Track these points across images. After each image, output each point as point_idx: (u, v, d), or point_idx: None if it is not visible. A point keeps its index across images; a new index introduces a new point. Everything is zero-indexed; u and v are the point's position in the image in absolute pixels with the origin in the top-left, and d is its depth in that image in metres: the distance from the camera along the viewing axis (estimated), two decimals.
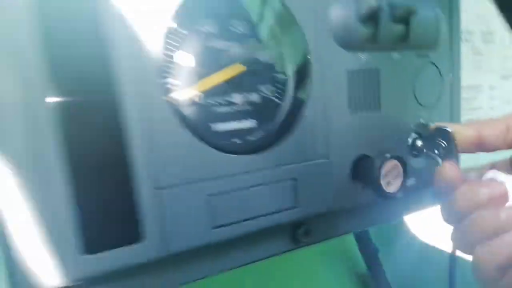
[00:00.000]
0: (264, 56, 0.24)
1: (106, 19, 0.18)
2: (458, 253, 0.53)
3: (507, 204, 0.21)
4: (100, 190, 0.19)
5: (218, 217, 0.22)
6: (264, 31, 0.24)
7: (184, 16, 0.21)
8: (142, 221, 0.20)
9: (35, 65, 0.17)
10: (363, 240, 0.64)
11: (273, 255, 0.26)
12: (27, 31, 0.17)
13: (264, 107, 0.24)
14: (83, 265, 0.19)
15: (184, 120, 0.21)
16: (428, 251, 0.63)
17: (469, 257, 0.23)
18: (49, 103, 0.17)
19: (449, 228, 0.23)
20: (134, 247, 0.20)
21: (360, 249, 0.65)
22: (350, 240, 0.66)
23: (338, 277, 0.69)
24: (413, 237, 0.65)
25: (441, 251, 0.62)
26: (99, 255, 0.19)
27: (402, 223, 0.65)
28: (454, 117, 0.31)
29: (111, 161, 0.19)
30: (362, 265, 0.68)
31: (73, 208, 0.18)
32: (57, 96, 0.17)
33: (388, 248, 0.67)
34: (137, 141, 0.19)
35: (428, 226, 0.68)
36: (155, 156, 0.20)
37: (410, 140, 0.29)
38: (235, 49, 0.23)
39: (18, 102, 0.17)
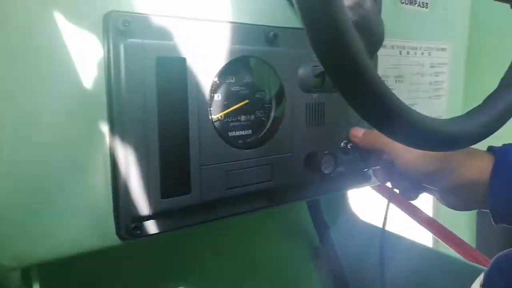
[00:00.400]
0: (259, 95, 0.43)
1: (189, 77, 0.36)
2: (387, 228, 0.76)
3: None
4: (172, 164, 0.36)
5: (230, 182, 0.40)
6: (260, 81, 0.42)
7: (220, 74, 0.39)
8: (191, 183, 0.38)
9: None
10: (316, 218, 0.84)
11: (257, 209, 0.45)
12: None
13: (256, 123, 0.43)
14: (161, 204, 0.36)
15: (215, 129, 0.39)
16: (365, 227, 0.84)
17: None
18: (155, 121, 0.35)
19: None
20: (186, 196, 0.38)
21: (314, 225, 0.85)
22: (306, 217, 0.85)
23: (295, 249, 0.88)
24: (354, 216, 0.85)
25: (376, 227, 0.83)
26: (168, 200, 0.37)
27: (346, 205, 0.85)
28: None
29: (180, 149, 0.37)
30: (315, 239, 0.88)
31: (159, 173, 0.36)
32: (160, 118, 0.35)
33: (335, 225, 0.87)
34: (195, 140, 0.37)
35: (366, 207, 0.89)
36: (202, 148, 0.38)
37: (342, 144, 0.49)
38: (243, 91, 0.41)
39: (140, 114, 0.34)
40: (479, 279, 0.52)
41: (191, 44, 0.36)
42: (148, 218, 0.36)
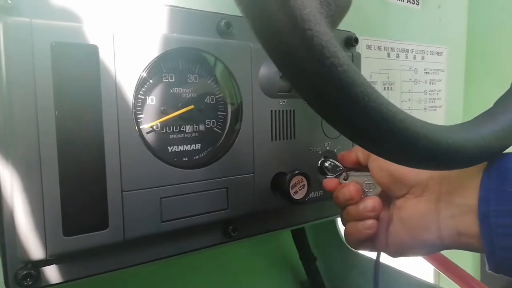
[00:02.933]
0: (210, 99, 0.33)
1: (103, 73, 0.27)
2: (382, 259, 0.65)
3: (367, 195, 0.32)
4: (80, 190, 0.27)
5: (167, 214, 0.31)
6: (210, 82, 0.33)
7: (153, 69, 0.30)
8: (108, 214, 0.28)
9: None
10: (303, 249, 0.73)
11: (209, 247, 0.35)
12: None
13: (207, 135, 0.34)
14: (63, 243, 0.26)
15: (146, 144, 0.30)
16: (358, 259, 0.73)
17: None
18: (52, 130, 0.26)
19: None
20: (100, 233, 0.28)
21: (300, 257, 0.74)
22: (291, 249, 0.75)
23: (279, 283, 0.77)
24: (346, 246, 0.75)
25: (370, 259, 0.72)
26: (75, 237, 0.27)
27: (337, 233, 0.75)
28: (353, 145, 0.42)
29: (91, 169, 0.27)
30: (302, 273, 0.77)
31: (60, 202, 0.26)
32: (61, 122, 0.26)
33: (324, 257, 0.76)
34: (113, 157, 0.28)
35: None
36: (124, 168, 0.28)
37: (319, 162, 0.39)
38: (188, 94, 0.32)
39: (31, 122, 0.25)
40: None
41: (108, 28, 0.28)
42: (46, 263, 0.27)
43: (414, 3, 0.52)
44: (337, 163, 0.37)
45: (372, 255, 0.74)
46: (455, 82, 0.59)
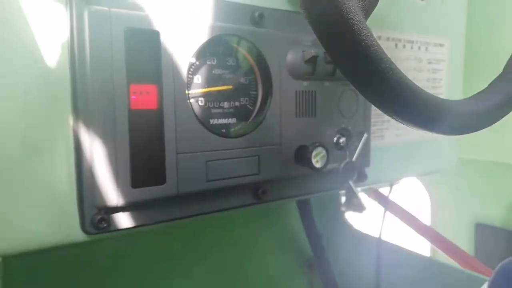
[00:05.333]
0: (244, 80, 0.39)
1: (163, 54, 0.32)
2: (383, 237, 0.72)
3: None
4: (145, 150, 0.33)
5: (211, 174, 0.36)
6: (245, 65, 0.39)
7: (200, 54, 0.36)
8: (166, 172, 0.34)
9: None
10: (309, 227, 0.79)
11: (241, 206, 0.40)
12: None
13: (242, 110, 0.39)
14: (130, 194, 0.32)
15: (195, 115, 0.35)
16: (360, 237, 0.80)
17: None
18: (124, 101, 0.31)
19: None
20: (159, 187, 0.34)
21: (307, 235, 0.80)
22: (298, 226, 0.81)
23: (287, 260, 0.83)
24: (349, 225, 0.81)
25: (371, 237, 0.78)
26: (140, 189, 0.33)
27: (340, 214, 0.81)
28: (366, 124, 0.48)
29: (153, 134, 0.33)
30: (309, 250, 0.83)
31: (129, 159, 0.32)
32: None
33: (328, 235, 0.82)
34: (170, 125, 0.33)
35: (362, 217, 0.85)
36: (178, 134, 0.34)
37: (335, 139, 0.45)
38: (226, 75, 0.38)
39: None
40: None
41: (166, 16, 0.33)
42: (116, 210, 0.32)
43: None
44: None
45: (375, 233, 0.80)
46: (455, 72, 0.65)
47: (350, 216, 0.83)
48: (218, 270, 0.71)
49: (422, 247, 0.93)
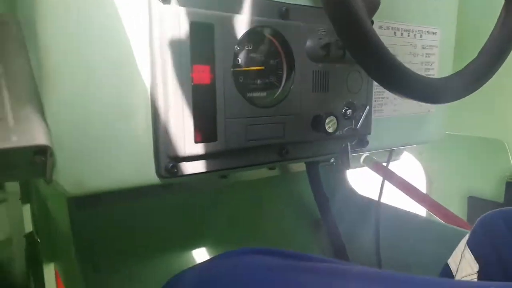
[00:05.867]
0: (273, 62, 0.49)
1: (216, 41, 0.43)
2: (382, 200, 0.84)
3: None
4: (203, 114, 0.43)
5: (249, 135, 0.47)
6: (274, 50, 0.49)
7: (241, 41, 0.46)
8: (217, 132, 0.44)
9: None
10: (317, 191, 0.91)
11: (269, 163, 0.51)
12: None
13: (271, 87, 0.50)
14: (193, 147, 0.43)
15: (238, 89, 0.46)
16: (362, 200, 0.91)
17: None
18: (189, 76, 0.42)
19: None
20: (213, 143, 0.44)
21: (315, 197, 0.92)
22: (307, 191, 0.92)
23: (298, 220, 0.95)
24: (352, 190, 0.92)
25: (372, 200, 0.90)
26: (199, 144, 0.43)
27: (344, 180, 0.92)
28: (368, 99, 0.58)
29: (208, 103, 0.43)
30: (316, 212, 0.95)
31: (193, 119, 0.42)
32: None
33: (334, 198, 0.94)
34: (220, 96, 0.44)
35: (362, 182, 0.96)
36: (226, 104, 0.45)
37: (343, 110, 0.56)
38: (260, 58, 0.48)
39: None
40: (465, 239, 0.59)
41: (218, 13, 0.43)
42: (183, 159, 0.43)
43: None
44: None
45: (374, 196, 0.91)
46: (446, 56, 0.75)
47: (354, 183, 0.94)
48: (239, 225, 0.83)
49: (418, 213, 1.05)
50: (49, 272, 1.23)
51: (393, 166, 0.97)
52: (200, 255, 0.76)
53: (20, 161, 0.41)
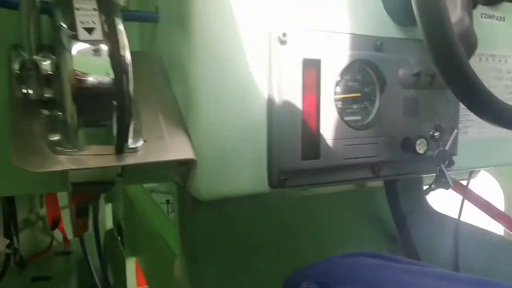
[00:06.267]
0: (367, 89, 0.56)
1: (322, 73, 0.50)
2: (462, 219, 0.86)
3: None
4: (309, 135, 0.50)
5: (346, 154, 0.53)
6: (368, 79, 0.56)
7: (341, 72, 0.53)
8: (320, 150, 0.51)
9: None
10: (394, 206, 0.94)
11: (363, 179, 0.57)
12: None
13: (365, 111, 0.56)
14: (301, 163, 0.50)
15: (337, 113, 0.53)
16: (440, 217, 0.92)
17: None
18: (300, 102, 0.49)
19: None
20: (316, 160, 0.51)
21: (392, 213, 0.95)
22: (384, 207, 0.95)
23: (374, 235, 0.98)
24: (429, 206, 0.94)
25: (451, 218, 0.91)
26: (305, 161, 0.51)
27: (422, 196, 0.94)
28: (455, 122, 0.62)
29: (314, 124, 0.51)
30: (393, 228, 0.98)
31: (301, 139, 0.50)
32: None
33: (411, 215, 0.96)
34: (323, 119, 0.51)
35: (442, 199, 0.97)
36: (328, 125, 0.52)
37: (431, 132, 0.60)
38: (356, 86, 0.55)
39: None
40: None
41: (324, 49, 0.51)
42: (291, 173, 0.51)
43: (500, 20, 0.70)
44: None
45: (454, 214, 0.92)
46: None
47: (431, 200, 0.96)
48: (319, 238, 0.89)
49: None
50: (130, 264, 1.38)
51: (470, 183, 0.97)
52: (286, 260, 0.83)
53: (168, 169, 0.51)
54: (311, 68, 0.50)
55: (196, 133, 0.47)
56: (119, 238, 1.55)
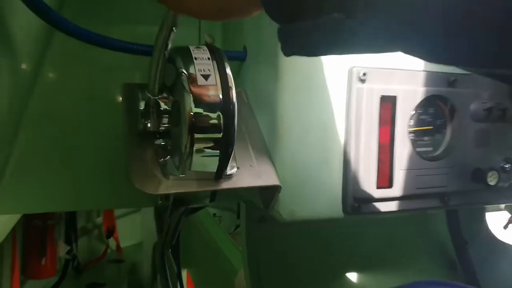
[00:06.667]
0: (439, 122, 0.58)
1: (398, 109, 0.54)
2: None
3: None
4: (383, 166, 0.54)
5: (418, 183, 0.56)
6: (441, 112, 0.58)
7: (416, 107, 0.56)
8: (393, 180, 0.55)
9: None
10: (455, 233, 0.93)
11: (433, 208, 0.59)
12: None
13: (436, 143, 0.58)
14: (375, 192, 0.54)
15: (411, 144, 0.56)
16: (503, 247, 0.91)
17: None
18: (377, 134, 0.53)
19: None
20: (388, 189, 0.55)
21: (452, 239, 0.94)
22: (444, 232, 0.95)
23: (433, 261, 0.98)
24: (492, 235, 0.93)
25: None
26: (379, 189, 0.54)
27: (484, 224, 0.93)
28: None
29: (388, 155, 0.54)
30: (452, 254, 0.97)
31: (376, 170, 0.53)
32: None
33: (472, 242, 0.95)
34: (397, 151, 0.54)
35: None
36: (401, 156, 0.55)
37: (502, 164, 0.61)
38: (428, 119, 0.57)
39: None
40: None
41: (400, 86, 0.54)
42: (365, 201, 0.54)
43: None
44: None
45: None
46: None
47: (493, 228, 0.95)
48: (379, 261, 0.91)
49: None
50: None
51: None
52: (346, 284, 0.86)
53: (252, 192, 0.56)
54: (388, 103, 0.54)
55: (280, 160, 0.52)
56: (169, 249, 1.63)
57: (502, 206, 0.98)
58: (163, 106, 0.45)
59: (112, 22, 0.67)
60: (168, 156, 0.47)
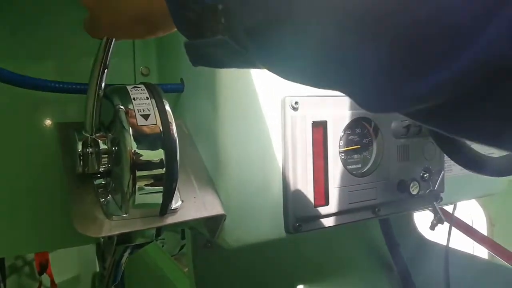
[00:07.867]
0: (365, 141, 0.64)
1: (329, 132, 0.58)
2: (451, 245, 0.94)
3: None
4: (319, 185, 0.58)
5: (351, 199, 0.61)
6: (366, 132, 0.64)
7: (345, 127, 0.61)
8: (329, 198, 0.59)
9: None
10: (388, 237, 1.01)
11: (365, 219, 0.64)
12: None
13: (364, 160, 0.64)
14: (313, 210, 0.57)
15: (342, 163, 0.60)
16: (430, 245, 1.00)
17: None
18: (311, 156, 0.57)
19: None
20: (325, 207, 0.59)
21: (386, 243, 1.02)
22: (379, 237, 1.03)
23: (370, 264, 1.05)
24: (421, 235, 1.02)
25: (440, 245, 0.99)
26: (317, 208, 0.58)
27: (413, 226, 1.02)
28: (441, 164, 0.71)
29: (322, 174, 0.58)
30: (387, 256, 1.05)
31: (313, 189, 0.57)
32: None
33: (404, 244, 1.04)
34: (331, 170, 0.59)
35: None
36: (335, 175, 0.59)
37: (421, 174, 0.68)
38: (356, 139, 0.63)
39: None
40: None
41: (329, 111, 0.59)
42: (305, 219, 0.58)
43: None
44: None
45: (443, 241, 1.00)
46: None
47: (421, 228, 1.04)
48: (320, 268, 0.95)
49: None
50: None
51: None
52: None
53: (197, 222, 0.57)
54: (319, 128, 0.58)
55: (224, 188, 0.53)
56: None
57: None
58: (101, 145, 0.44)
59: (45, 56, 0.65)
60: (109, 196, 0.46)
